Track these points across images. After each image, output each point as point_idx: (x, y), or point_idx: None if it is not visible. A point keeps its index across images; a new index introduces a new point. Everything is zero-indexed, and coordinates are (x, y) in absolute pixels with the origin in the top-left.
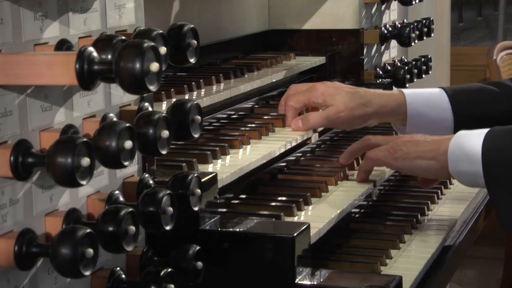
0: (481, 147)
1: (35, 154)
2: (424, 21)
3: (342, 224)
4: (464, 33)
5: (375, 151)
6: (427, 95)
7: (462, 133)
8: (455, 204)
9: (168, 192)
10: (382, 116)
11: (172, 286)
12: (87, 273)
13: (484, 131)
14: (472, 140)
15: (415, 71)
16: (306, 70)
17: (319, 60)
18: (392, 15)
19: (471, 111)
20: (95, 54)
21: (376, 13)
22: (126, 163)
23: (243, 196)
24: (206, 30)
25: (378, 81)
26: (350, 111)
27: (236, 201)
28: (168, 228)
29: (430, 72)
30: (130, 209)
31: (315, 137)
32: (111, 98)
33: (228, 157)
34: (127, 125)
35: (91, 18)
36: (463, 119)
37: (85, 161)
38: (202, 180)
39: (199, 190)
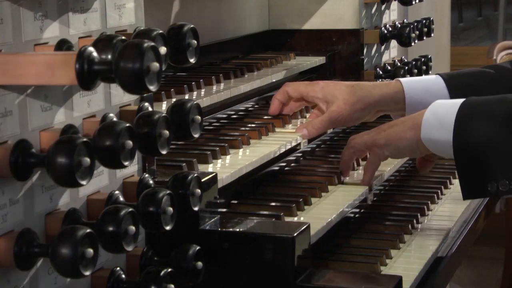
0: (454, 116)
1: (35, 154)
2: (424, 21)
3: (342, 224)
4: (464, 33)
5: (358, 139)
6: (424, 82)
7: (439, 102)
8: (455, 204)
9: (168, 192)
10: (383, 107)
11: (172, 286)
12: (87, 273)
13: (460, 101)
14: (447, 109)
15: (415, 71)
16: (306, 70)
17: (319, 60)
18: (392, 15)
19: (468, 95)
20: (95, 54)
21: (376, 13)
22: (126, 163)
23: (243, 196)
24: (206, 30)
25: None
26: (351, 106)
27: (236, 201)
28: (168, 228)
29: (430, 72)
30: (130, 209)
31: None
32: (111, 98)
33: (228, 157)
34: (127, 125)
35: (91, 18)
36: None
37: (85, 161)
38: (202, 180)
39: (199, 190)
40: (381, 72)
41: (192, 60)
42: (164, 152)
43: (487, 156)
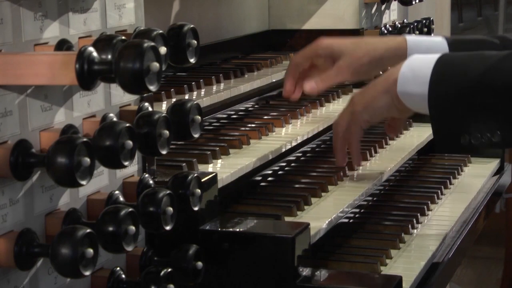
0: (431, 70)
1: (35, 154)
2: (424, 21)
3: (342, 224)
4: (464, 33)
5: (339, 117)
6: (428, 42)
7: (415, 56)
8: (455, 204)
9: (168, 192)
10: (387, 61)
11: (172, 286)
12: (87, 273)
13: (437, 56)
14: (424, 63)
15: None
16: None
17: None
18: (392, 15)
19: None
20: (95, 54)
21: (376, 13)
22: (126, 163)
23: (243, 196)
24: (206, 30)
25: None
26: (357, 60)
27: (236, 201)
28: (168, 228)
29: None
30: (130, 209)
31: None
32: (111, 98)
33: (228, 157)
34: (127, 125)
35: (91, 18)
36: None
37: (85, 161)
38: (202, 180)
39: (199, 190)
40: (381, 72)
41: (192, 60)
42: (164, 152)
43: (460, 109)
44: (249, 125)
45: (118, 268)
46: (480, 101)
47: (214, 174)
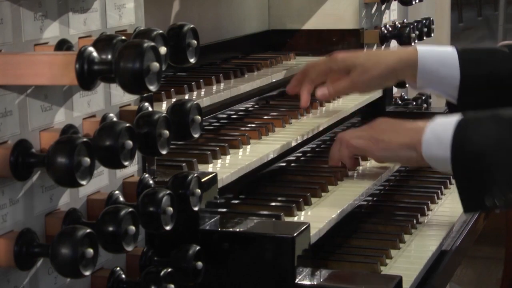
0: (451, 133)
1: (35, 154)
2: (424, 21)
3: (342, 224)
4: (464, 33)
5: (356, 139)
6: (439, 53)
7: (437, 120)
8: (455, 204)
9: (168, 192)
10: (399, 72)
11: (172, 286)
12: (87, 273)
13: (457, 118)
14: (445, 126)
15: None
16: None
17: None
18: (392, 15)
19: (478, 70)
20: (95, 54)
21: (376, 13)
22: (126, 163)
23: (243, 196)
24: (206, 30)
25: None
26: (370, 72)
27: (236, 201)
28: (168, 228)
29: None
30: (130, 209)
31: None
32: (111, 98)
33: (228, 157)
34: (127, 125)
35: (91, 18)
36: (470, 78)
37: (85, 161)
38: (202, 180)
39: (199, 190)
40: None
41: (192, 60)
42: (164, 152)
43: (482, 170)
44: (249, 125)
45: (118, 268)
46: (499, 162)
47: (214, 174)
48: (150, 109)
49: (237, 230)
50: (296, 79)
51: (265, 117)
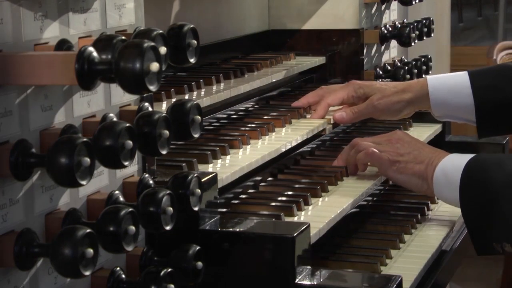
0: (459, 177)
1: (35, 154)
2: (424, 21)
3: (342, 224)
4: (464, 33)
5: (379, 153)
6: (450, 80)
7: (449, 157)
8: None
9: (168, 192)
10: (418, 103)
11: (172, 286)
12: (87, 273)
13: (466, 159)
14: (455, 168)
15: (415, 71)
16: (306, 70)
17: (319, 60)
18: (392, 15)
19: (491, 96)
20: (95, 54)
21: (376, 13)
22: (126, 163)
23: (243, 196)
24: (206, 30)
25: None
26: (388, 98)
27: (236, 201)
28: (168, 228)
29: (430, 72)
30: (130, 209)
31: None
32: (111, 98)
33: (228, 157)
34: (127, 125)
35: (91, 18)
36: (484, 105)
37: (85, 161)
38: (202, 180)
39: (199, 190)
40: (381, 72)
41: (192, 60)
42: (164, 152)
43: (488, 219)
44: (249, 125)
45: (118, 268)
46: (504, 209)
47: (214, 174)
48: (150, 109)
49: (237, 230)
50: (307, 101)
51: (265, 117)
